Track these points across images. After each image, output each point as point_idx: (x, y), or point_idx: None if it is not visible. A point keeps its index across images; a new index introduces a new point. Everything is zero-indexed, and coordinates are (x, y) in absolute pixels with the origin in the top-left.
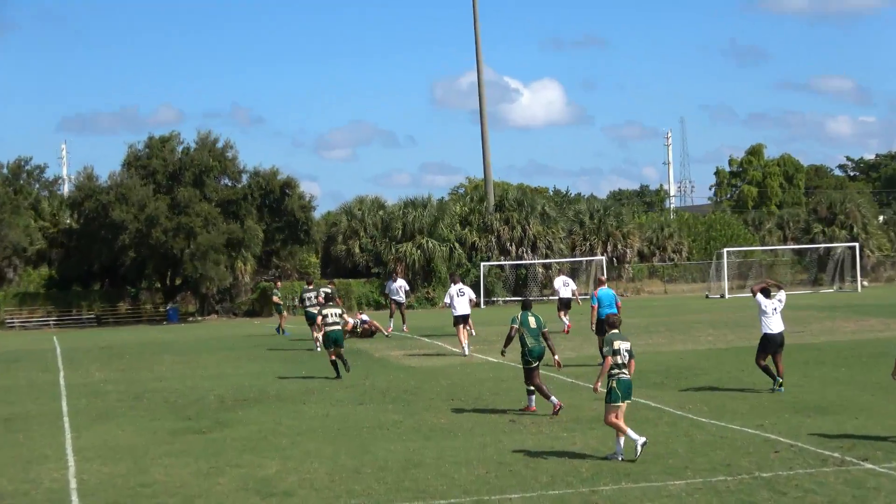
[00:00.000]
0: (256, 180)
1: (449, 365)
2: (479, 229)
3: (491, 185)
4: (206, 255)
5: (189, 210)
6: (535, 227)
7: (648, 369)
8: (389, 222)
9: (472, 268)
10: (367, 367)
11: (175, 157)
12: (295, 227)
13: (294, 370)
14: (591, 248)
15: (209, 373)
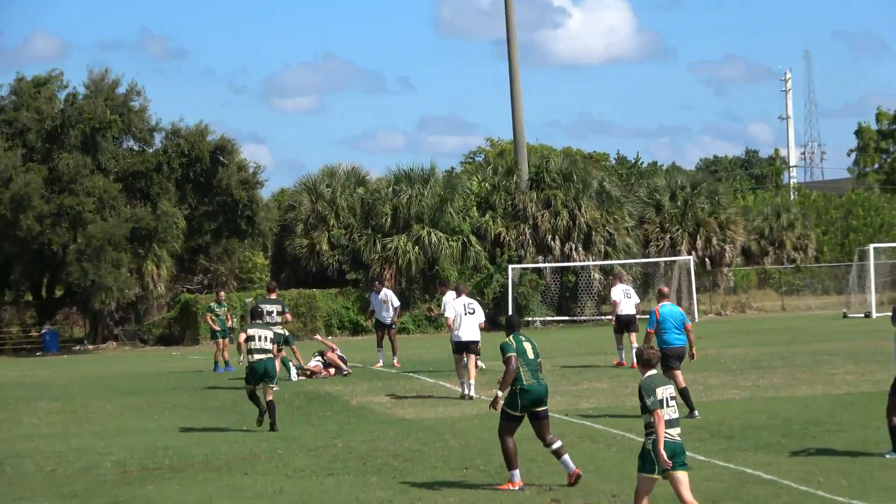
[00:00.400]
0: (175, 143)
1: (461, 417)
2: (506, 215)
3: (524, 149)
4: (101, 254)
5: (76, 186)
6: (589, 213)
7: (758, 423)
8: (373, 205)
9: (496, 272)
10: (340, 421)
11: (55, 109)
12: (232, 211)
13: (232, 423)
14: (672, 243)
15: (105, 428)
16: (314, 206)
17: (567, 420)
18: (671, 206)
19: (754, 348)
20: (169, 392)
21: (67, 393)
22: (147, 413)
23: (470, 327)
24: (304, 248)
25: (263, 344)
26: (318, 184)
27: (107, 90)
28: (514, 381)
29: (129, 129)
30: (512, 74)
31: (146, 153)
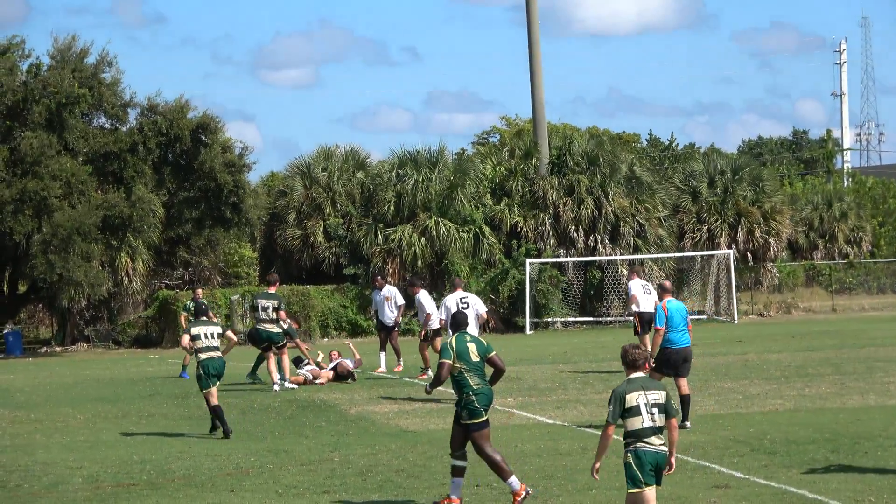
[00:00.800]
0: (152, 120)
1: None
2: (523, 204)
3: (544, 129)
4: (69, 245)
5: (40, 169)
6: (616, 201)
7: (804, 437)
8: (374, 191)
9: (512, 267)
10: (338, 432)
11: (16, 82)
12: (216, 197)
13: (216, 435)
14: (710, 235)
15: (75, 440)
16: (308, 192)
17: (591, 433)
18: (709, 193)
19: (800, 353)
20: (146, 400)
21: (33, 400)
22: (122, 423)
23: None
24: (296, 240)
25: (211, 342)
26: (313, 167)
27: (74, 61)
28: (462, 388)
29: (100, 105)
30: (531, 44)
31: (119, 132)
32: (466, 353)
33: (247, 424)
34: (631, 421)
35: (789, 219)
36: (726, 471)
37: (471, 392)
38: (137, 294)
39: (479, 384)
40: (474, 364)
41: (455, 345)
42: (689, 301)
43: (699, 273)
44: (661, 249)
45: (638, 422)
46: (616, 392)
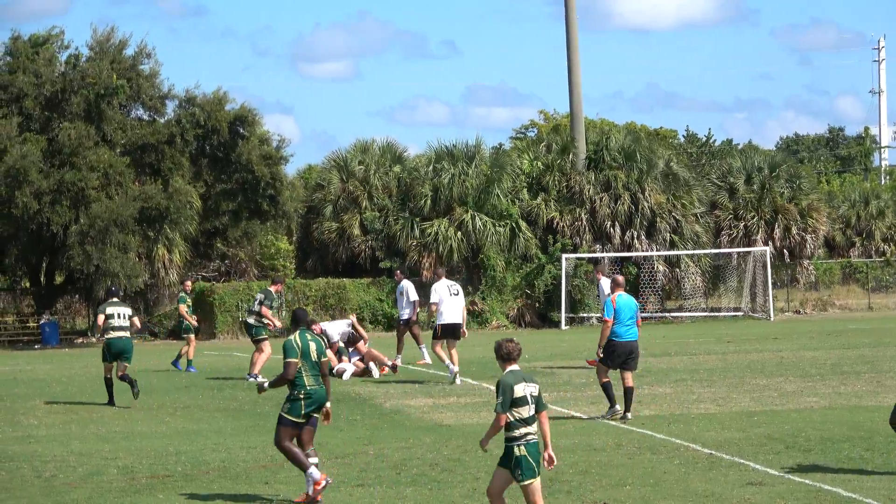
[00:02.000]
0: (190, 112)
1: None
2: (560, 199)
3: (581, 124)
4: (107, 236)
5: (78, 160)
6: (653, 197)
7: (839, 435)
8: (411, 185)
9: (548, 262)
10: (372, 426)
11: (55, 72)
12: (254, 190)
13: (252, 427)
14: (746, 232)
15: (110, 430)
16: (345, 185)
17: (625, 428)
18: (746, 190)
19: (836, 351)
20: (181, 391)
21: (69, 391)
22: (157, 414)
23: (455, 309)
24: (333, 233)
25: (122, 322)
26: (350, 160)
27: (113, 52)
28: (296, 386)
29: (138, 97)
30: (569, 39)
31: (157, 123)
32: (308, 353)
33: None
34: (520, 411)
35: (826, 216)
36: (760, 468)
37: (302, 392)
38: (173, 285)
39: (313, 386)
40: (313, 363)
41: (300, 342)
42: (724, 298)
43: (735, 270)
44: (697, 246)
45: (526, 411)
46: (504, 383)
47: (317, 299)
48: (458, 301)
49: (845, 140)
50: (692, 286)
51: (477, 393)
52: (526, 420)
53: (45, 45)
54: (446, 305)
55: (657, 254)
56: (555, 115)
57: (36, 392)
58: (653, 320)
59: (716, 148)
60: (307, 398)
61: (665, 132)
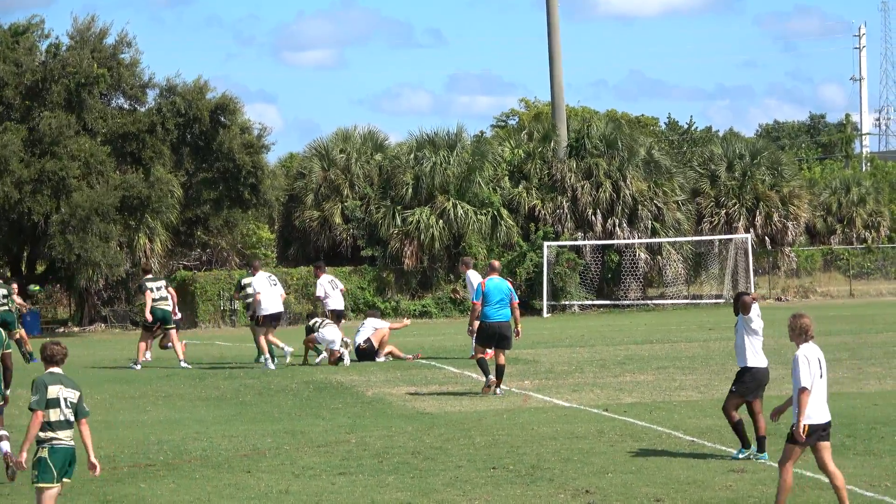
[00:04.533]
0: (171, 100)
1: (487, 411)
2: (541, 187)
3: (563, 112)
4: (88, 225)
5: (59, 149)
6: (635, 184)
7: None
8: (392, 173)
9: (530, 250)
10: (354, 414)
11: (35, 62)
12: (235, 178)
13: (233, 416)
14: (728, 219)
15: (93, 420)
16: (326, 173)
17: (607, 416)
18: (728, 177)
19: (818, 338)
20: (163, 380)
21: None
22: (139, 403)
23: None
24: (314, 221)
25: None
26: (331, 149)
27: (94, 41)
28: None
29: (119, 86)
30: (550, 26)
31: (138, 112)
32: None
33: (263, 406)
34: (49, 413)
35: (807, 203)
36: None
37: None
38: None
39: None
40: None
41: None
42: (706, 285)
43: (717, 257)
44: (678, 233)
45: (55, 414)
46: (39, 381)
47: (298, 287)
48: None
49: (826, 127)
50: (674, 273)
51: (459, 381)
52: (52, 424)
53: (25, 34)
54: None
55: (639, 241)
56: (536, 102)
57: (16, 381)
58: (635, 308)
59: (697, 135)
60: None
61: (647, 120)
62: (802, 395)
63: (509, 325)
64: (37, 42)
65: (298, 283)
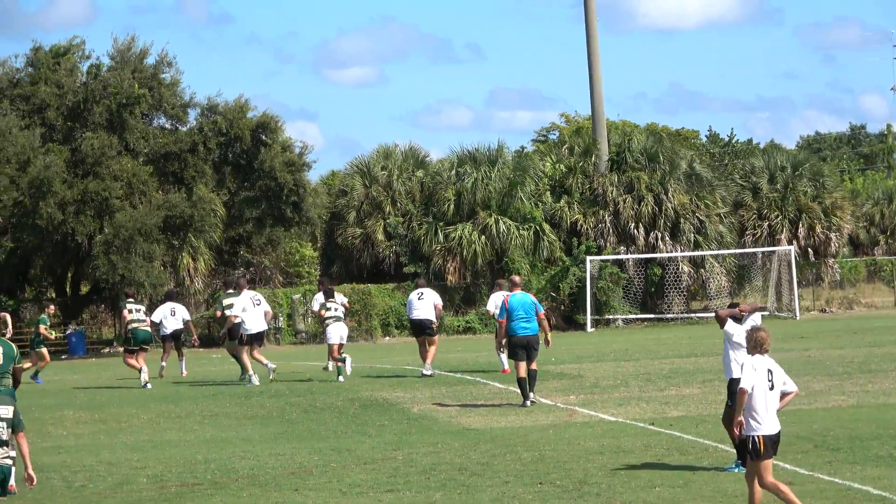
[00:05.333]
0: (213, 120)
1: (534, 426)
2: (583, 201)
3: (603, 126)
4: (131, 245)
5: (101, 169)
6: (676, 198)
7: (867, 433)
8: (434, 189)
9: (573, 264)
10: (400, 431)
11: (77, 83)
12: (277, 196)
13: (280, 434)
14: (770, 231)
15: (139, 439)
16: (368, 190)
17: (653, 430)
18: (769, 189)
19: (863, 349)
20: (209, 399)
21: (97, 401)
22: (185, 423)
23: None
24: (357, 239)
25: None
26: (373, 166)
27: (134, 61)
28: None
29: (160, 105)
30: (589, 40)
31: (179, 132)
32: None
33: (309, 423)
34: None
35: (850, 214)
36: (790, 467)
37: None
38: (199, 294)
39: None
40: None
41: None
42: (750, 297)
43: (760, 269)
44: (721, 246)
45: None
46: None
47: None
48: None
49: (867, 138)
50: (717, 286)
51: (504, 396)
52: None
53: (67, 55)
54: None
55: (681, 255)
56: (577, 117)
57: (64, 402)
58: (678, 321)
59: (738, 147)
60: None
61: (687, 132)
62: (739, 394)
63: (537, 338)
64: (78, 63)
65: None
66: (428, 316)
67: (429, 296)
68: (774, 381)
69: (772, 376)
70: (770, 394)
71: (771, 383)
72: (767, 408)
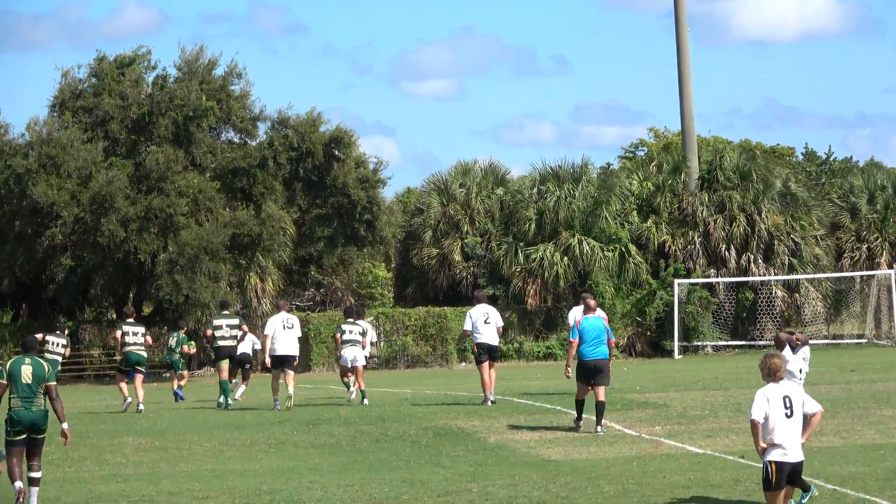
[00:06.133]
0: (283, 134)
1: (617, 458)
2: (671, 221)
3: (694, 142)
4: (196, 264)
5: (166, 185)
6: (770, 218)
7: None
8: (515, 207)
9: (660, 287)
10: (476, 462)
11: (142, 94)
12: (350, 214)
13: (349, 464)
14: (869, 254)
15: (201, 468)
16: (445, 209)
17: (744, 463)
18: (869, 210)
19: None
20: (275, 426)
21: (157, 427)
22: (250, 451)
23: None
24: (433, 259)
25: None
26: (451, 183)
27: (202, 72)
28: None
29: (228, 119)
30: (680, 54)
31: (248, 146)
32: (18, 376)
33: (380, 453)
34: None
35: None
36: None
37: (11, 414)
38: (267, 315)
39: (17, 407)
40: (24, 385)
41: (10, 365)
42: (847, 324)
43: (858, 294)
44: (817, 269)
45: None
46: None
47: (416, 329)
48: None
49: None
50: (812, 312)
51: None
52: None
53: (132, 65)
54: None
55: (775, 278)
56: (666, 133)
57: (123, 428)
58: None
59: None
60: (12, 420)
61: (782, 150)
62: (752, 427)
63: (606, 363)
64: (143, 74)
65: (416, 324)
66: (495, 341)
67: (494, 318)
68: (793, 407)
69: (790, 403)
70: (789, 421)
71: (789, 410)
72: (787, 436)
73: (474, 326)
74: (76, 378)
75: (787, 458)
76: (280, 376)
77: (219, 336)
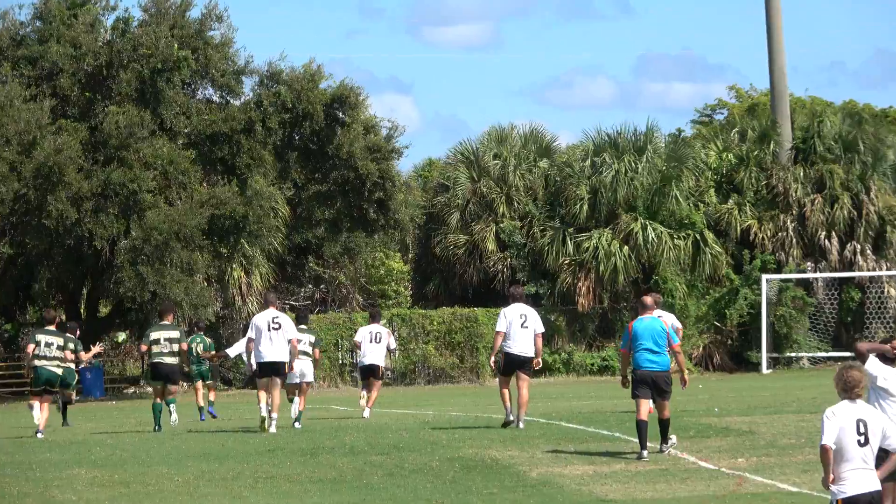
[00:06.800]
0: (274, 91)
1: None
2: (758, 202)
3: (786, 104)
4: (166, 253)
5: (128, 154)
6: (882, 199)
7: None
8: (563, 185)
9: (743, 285)
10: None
11: (99, 42)
12: (357, 192)
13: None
14: None
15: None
16: (476, 185)
17: None
18: None
19: None
20: (264, 456)
21: (117, 456)
22: (232, 487)
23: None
24: (460, 248)
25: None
26: (483, 153)
27: (173, 14)
28: None
29: (207, 72)
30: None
31: (231, 107)
32: None
33: (394, 490)
34: None
35: None
36: None
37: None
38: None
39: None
40: None
41: None
42: None
43: None
44: None
45: None
46: None
47: (440, 335)
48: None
49: None
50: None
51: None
52: None
53: (86, 5)
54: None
55: (887, 273)
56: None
57: (74, 458)
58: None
59: None
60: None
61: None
62: (822, 454)
63: (668, 375)
64: (100, 16)
65: (440, 329)
66: (531, 351)
67: (533, 322)
68: (869, 433)
69: (865, 428)
70: (861, 450)
71: (863, 436)
72: (856, 467)
73: (508, 329)
74: (14, 393)
75: (855, 490)
76: (269, 386)
77: (155, 352)
